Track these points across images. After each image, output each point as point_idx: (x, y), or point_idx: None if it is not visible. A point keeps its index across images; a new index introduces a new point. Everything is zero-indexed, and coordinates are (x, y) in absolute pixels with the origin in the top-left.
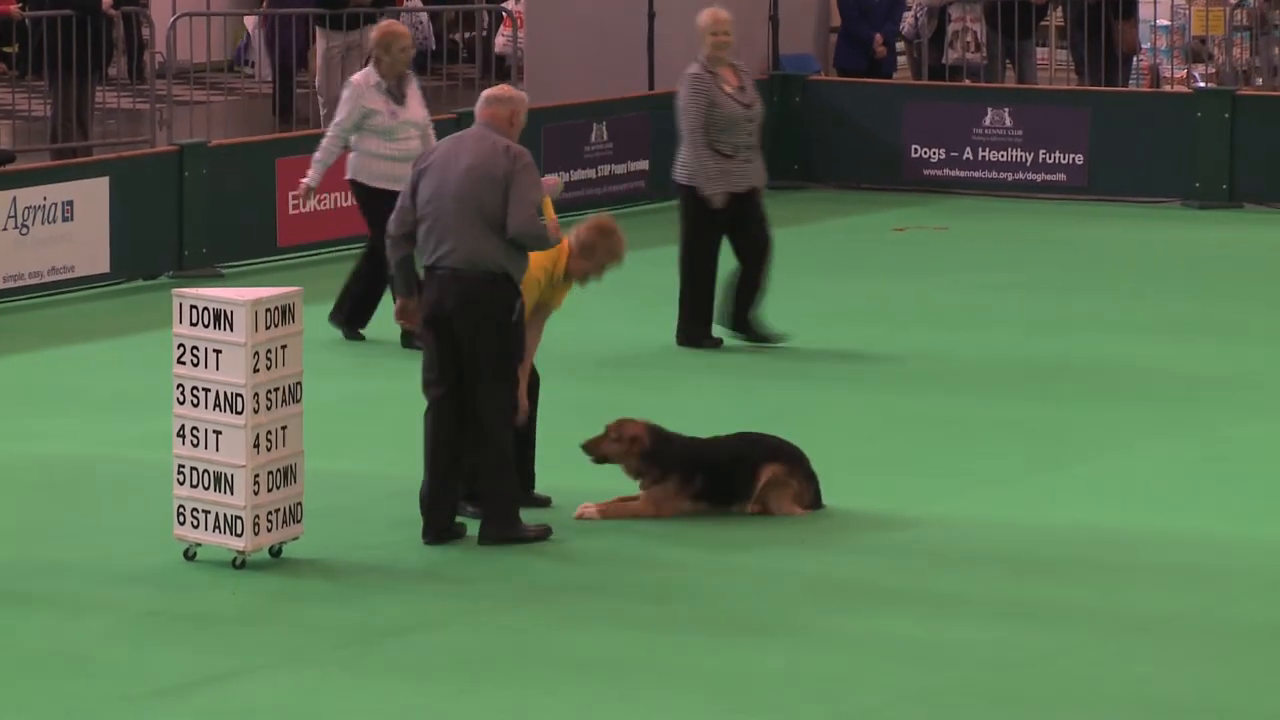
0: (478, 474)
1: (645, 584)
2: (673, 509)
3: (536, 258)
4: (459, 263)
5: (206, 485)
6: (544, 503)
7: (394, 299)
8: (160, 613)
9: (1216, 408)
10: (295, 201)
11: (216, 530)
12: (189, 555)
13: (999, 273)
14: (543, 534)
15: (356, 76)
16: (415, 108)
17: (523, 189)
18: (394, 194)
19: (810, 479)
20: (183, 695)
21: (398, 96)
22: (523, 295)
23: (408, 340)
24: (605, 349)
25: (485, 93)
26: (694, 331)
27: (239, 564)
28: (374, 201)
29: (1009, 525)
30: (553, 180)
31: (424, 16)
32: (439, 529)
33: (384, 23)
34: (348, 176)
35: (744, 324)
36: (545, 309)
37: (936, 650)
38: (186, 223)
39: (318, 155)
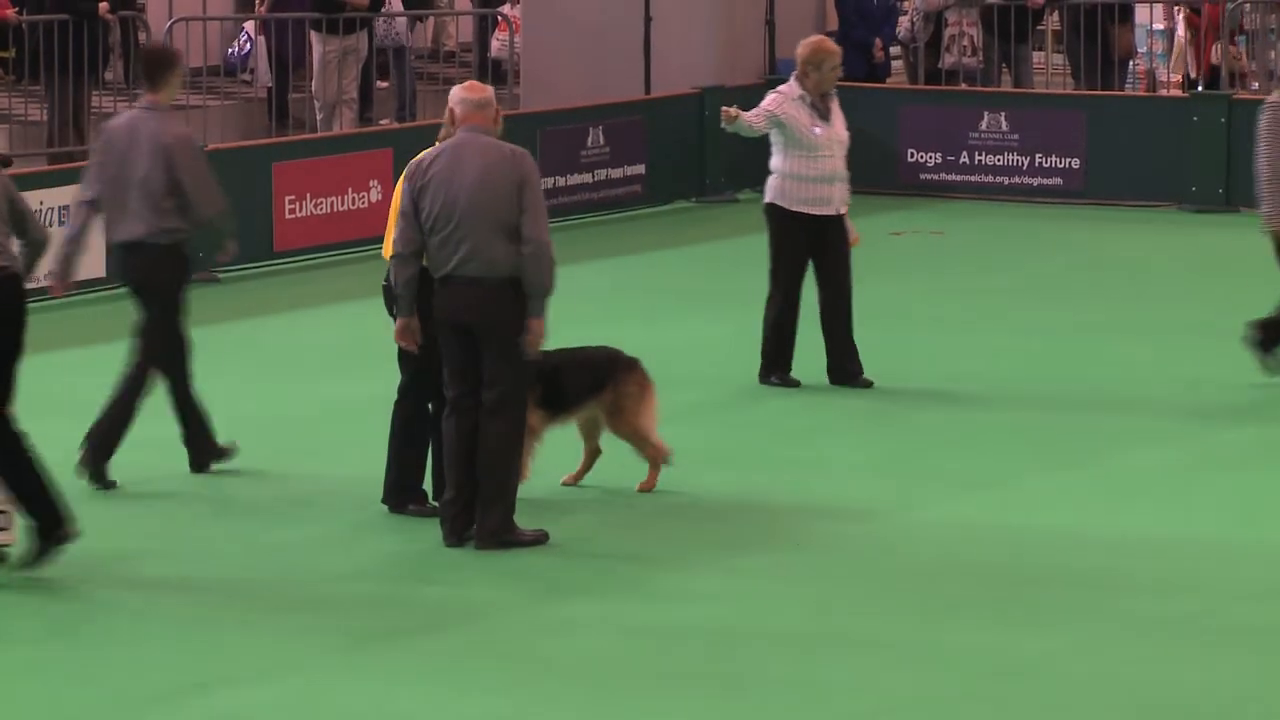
0: (480, 476)
1: (644, 587)
2: (532, 424)
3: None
4: (478, 271)
5: None
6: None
7: (394, 319)
8: (157, 619)
9: (1212, 411)
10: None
11: None
12: None
13: (995, 276)
14: (540, 539)
15: (783, 86)
16: (839, 127)
17: (537, 197)
18: (810, 218)
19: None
20: (178, 700)
21: (823, 112)
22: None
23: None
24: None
25: (463, 97)
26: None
27: None
28: (784, 227)
29: (1005, 529)
30: None
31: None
32: (460, 533)
33: (814, 39)
34: (766, 200)
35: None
36: None
37: (934, 655)
38: None
39: (747, 114)
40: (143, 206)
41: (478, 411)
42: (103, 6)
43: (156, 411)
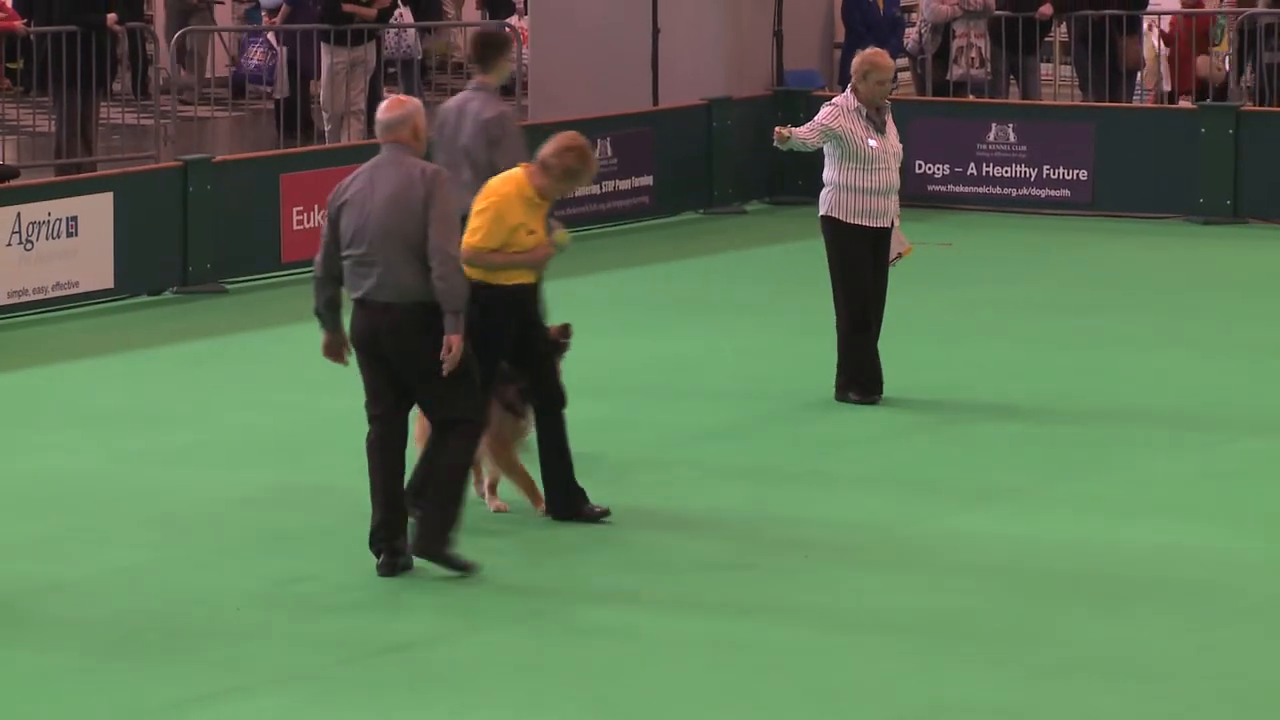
0: (429, 483)
1: (644, 599)
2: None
3: (501, 187)
4: (390, 296)
5: None
6: (602, 514)
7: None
8: (163, 628)
9: (1220, 423)
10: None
11: None
12: None
13: (1003, 288)
14: (469, 567)
15: (838, 98)
16: (894, 139)
17: (443, 213)
18: (866, 230)
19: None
20: (184, 711)
21: (878, 125)
22: (506, 219)
23: None
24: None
25: (380, 115)
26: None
27: None
28: (843, 239)
29: (1011, 540)
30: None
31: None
32: (392, 562)
33: (868, 51)
34: (821, 213)
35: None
36: (523, 229)
37: (941, 666)
38: (191, 239)
39: (800, 130)
40: (473, 179)
41: (399, 424)
42: (110, 18)
43: (161, 417)
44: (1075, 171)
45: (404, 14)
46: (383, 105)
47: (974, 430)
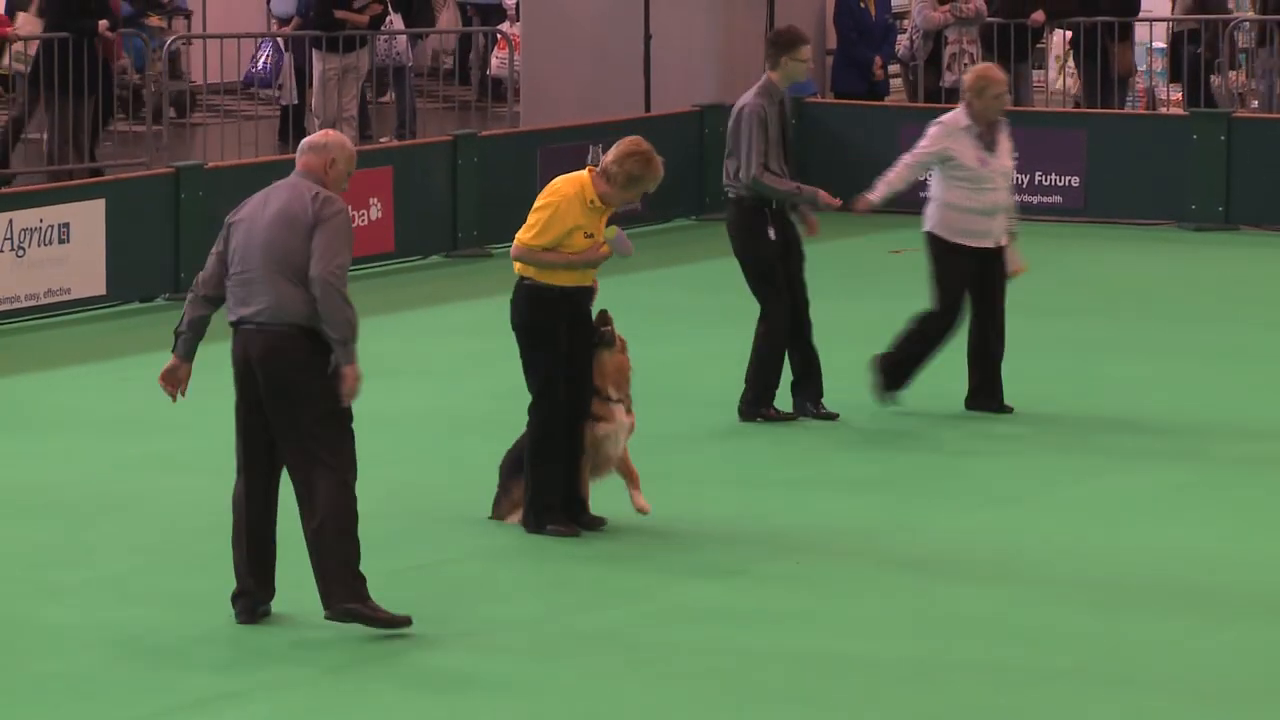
0: (314, 546)
1: (641, 610)
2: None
3: (563, 187)
4: (265, 317)
5: None
6: (599, 523)
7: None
8: (159, 634)
9: (1212, 428)
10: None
11: None
12: None
13: None
14: (401, 622)
15: (947, 116)
16: (1004, 157)
17: (330, 239)
18: (971, 250)
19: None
20: (181, 717)
21: (989, 144)
22: (564, 220)
23: None
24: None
25: (304, 141)
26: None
27: None
28: (948, 258)
29: (1003, 544)
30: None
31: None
32: (250, 612)
33: (981, 66)
34: (925, 229)
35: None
36: (580, 232)
37: (937, 671)
38: (183, 245)
39: (890, 176)
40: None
41: (265, 483)
42: (102, 24)
43: (153, 423)
44: (1067, 178)
45: (394, 20)
46: (312, 136)
47: (966, 435)
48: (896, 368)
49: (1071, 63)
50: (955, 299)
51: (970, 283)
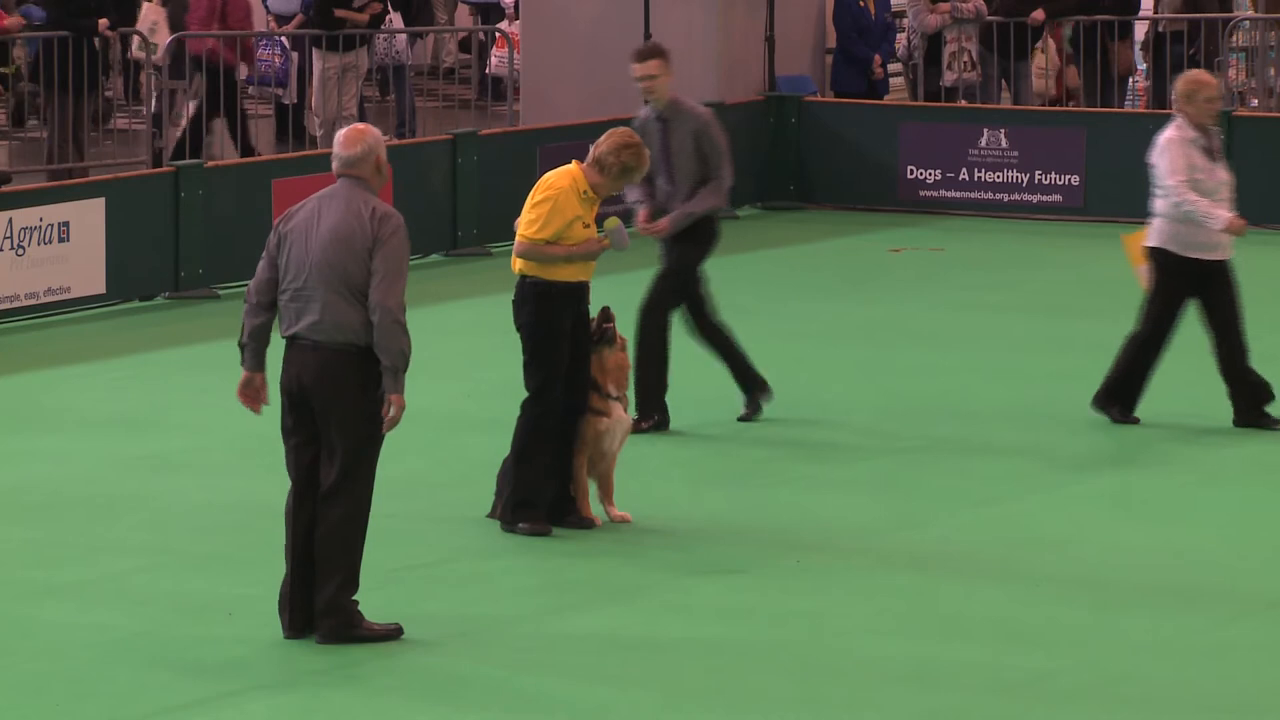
0: (318, 564)
1: (640, 609)
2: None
3: (557, 180)
4: (321, 335)
5: None
6: (589, 524)
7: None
8: (157, 634)
9: (1213, 428)
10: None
11: None
12: None
13: (994, 294)
14: (392, 633)
15: (1170, 132)
16: (1224, 166)
17: (391, 263)
18: (1199, 263)
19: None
20: (175, 718)
21: (1212, 153)
22: (564, 211)
23: None
24: None
25: (340, 149)
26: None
27: None
28: (1170, 270)
29: (1004, 544)
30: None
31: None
32: (300, 624)
33: (1191, 73)
34: (1153, 244)
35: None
36: (579, 223)
37: (936, 671)
38: (183, 244)
39: (1198, 212)
40: None
41: (313, 502)
42: (102, 23)
43: (153, 422)
44: (1067, 177)
45: (394, 19)
46: (340, 137)
47: (965, 435)
48: (1122, 388)
49: (1054, 54)
50: (1171, 310)
51: (1201, 297)
